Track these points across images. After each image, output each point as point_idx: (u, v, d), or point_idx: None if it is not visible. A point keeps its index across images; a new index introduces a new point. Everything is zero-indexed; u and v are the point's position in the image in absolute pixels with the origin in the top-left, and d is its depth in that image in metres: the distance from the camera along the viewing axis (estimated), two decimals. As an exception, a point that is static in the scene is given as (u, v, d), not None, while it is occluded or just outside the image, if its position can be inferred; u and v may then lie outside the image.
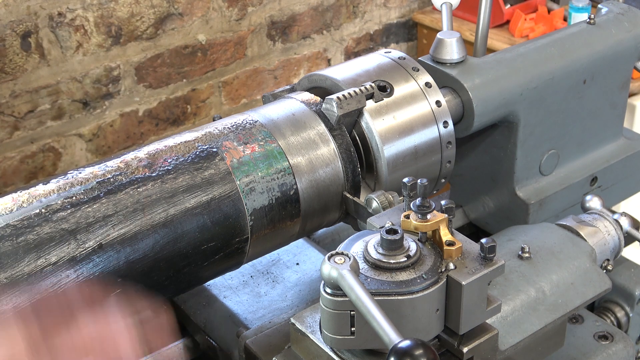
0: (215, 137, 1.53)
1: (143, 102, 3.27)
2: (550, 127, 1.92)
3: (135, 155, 1.48)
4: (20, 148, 3.01)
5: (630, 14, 2.00)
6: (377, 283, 1.23)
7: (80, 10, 2.97)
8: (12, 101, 2.93)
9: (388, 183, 1.64)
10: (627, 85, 2.04)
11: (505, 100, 1.80)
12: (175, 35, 3.25)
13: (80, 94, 3.08)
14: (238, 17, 3.42)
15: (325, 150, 1.59)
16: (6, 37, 2.84)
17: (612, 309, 1.88)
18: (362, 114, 1.62)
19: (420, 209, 1.28)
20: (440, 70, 1.79)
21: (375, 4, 3.87)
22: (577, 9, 3.48)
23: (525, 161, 1.90)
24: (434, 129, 1.69)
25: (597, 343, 1.66)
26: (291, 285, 1.70)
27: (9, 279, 1.27)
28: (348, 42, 3.85)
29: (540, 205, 1.92)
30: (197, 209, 1.44)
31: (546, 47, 1.89)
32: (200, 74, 3.39)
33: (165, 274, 1.43)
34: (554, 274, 1.55)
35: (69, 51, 3.00)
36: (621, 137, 2.10)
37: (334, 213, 1.63)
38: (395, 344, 1.07)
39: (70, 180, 1.40)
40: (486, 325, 1.32)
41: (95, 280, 1.34)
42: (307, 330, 1.31)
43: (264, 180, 1.51)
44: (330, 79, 1.68)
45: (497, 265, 1.27)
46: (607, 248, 1.68)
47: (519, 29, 3.66)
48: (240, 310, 1.65)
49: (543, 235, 1.65)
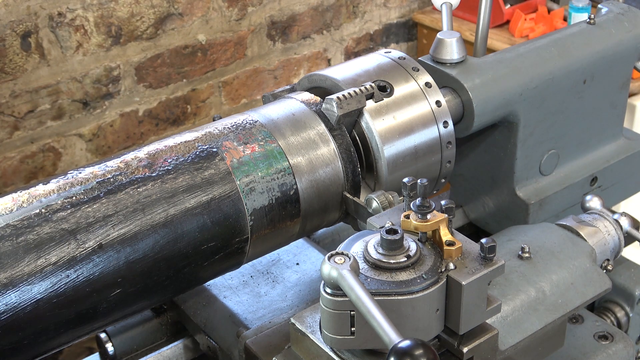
0: (215, 137, 1.53)
1: (143, 102, 3.27)
2: (550, 127, 1.92)
3: (135, 155, 1.48)
4: (20, 148, 3.01)
5: (630, 14, 2.00)
6: (377, 283, 1.23)
7: (80, 10, 2.97)
8: (12, 101, 2.93)
9: (388, 183, 1.64)
10: (627, 85, 2.04)
11: (505, 100, 1.80)
12: (175, 35, 3.25)
13: (80, 94, 3.08)
14: (238, 17, 3.42)
15: (325, 150, 1.59)
16: (6, 37, 2.84)
17: (612, 309, 1.88)
18: (362, 114, 1.62)
19: (420, 209, 1.28)
20: (440, 70, 1.79)
21: (375, 4, 3.87)
22: (577, 9, 3.48)
23: (525, 161, 1.90)
24: (434, 129, 1.68)
25: (597, 343, 1.66)
26: (291, 285, 1.70)
27: (8, 279, 1.27)
28: (348, 42, 3.85)
29: (540, 205, 1.92)
30: (197, 209, 1.44)
31: (546, 47, 1.89)
32: (200, 74, 3.39)
33: (165, 274, 1.43)
34: (554, 274, 1.55)
35: (69, 51, 3.00)
36: (621, 137, 2.10)
37: (334, 213, 1.63)
38: (395, 344, 1.07)
39: (70, 180, 1.40)
40: (486, 325, 1.32)
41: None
42: (307, 330, 1.31)
43: (264, 180, 1.51)
44: (330, 79, 1.68)
45: (497, 265, 1.27)
46: (607, 248, 1.68)
47: (519, 29, 3.66)
48: (240, 310, 1.65)
49: (543, 235, 1.65)
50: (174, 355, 1.71)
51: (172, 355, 1.71)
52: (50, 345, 1.38)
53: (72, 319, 1.35)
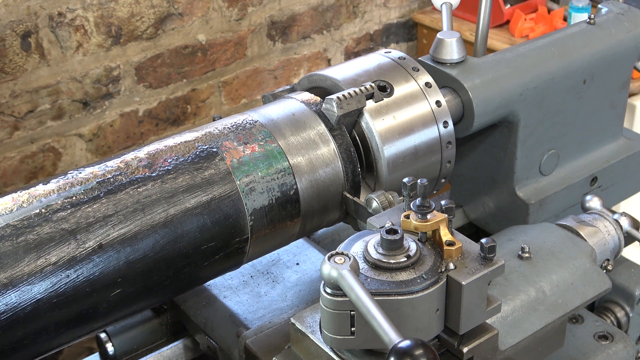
0: (215, 137, 1.53)
1: (143, 102, 3.27)
2: (550, 127, 1.92)
3: (135, 155, 1.48)
4: (20, 148, 3.01)
5: (630, 14, 2.00)
6: (377, 283, 1.23)
7: (80, 10, 2.97)
8: (12, 101, 2.93)
9: (388, 183, 1.64)
10: (627, 85, 2.04)
11: (505, 100, 1.80)
12: (175, 35, 3.25)
13: (80, 94, 3.08)
14: (238, 17, 3.42)
15: (325, 150, 1.59)
16: (6, 37, 2.84)
17: (612, 309, 1.88)
18: (362, 114, 1.62)
19: (420, 209, 1.28)
20: (440, 70, 1.79)
21: (375, 4, 3.87)
22: (577, 9, 3.49)
23: (525, 161, 1.90)
24: (434, 129, 1.68)
25: (597, 343, 1.66)
26: (291, 285, 1.70)
27: (9, 279, 1.27)
28: (348, 42, 3.85)
29: (540, 205, 1.92)
30: (197, 209, 1.44)
31: (546, 47, 1.89)
32: (200, 74, 3.39)
33: (165, 274, 1.43)
34: (554, 274, 1.55)
35: (69, 51, 3.00)
36: (621, 137, 2.10)
37: (334, 213, 1.63)
38: (395, 344, 1.07)
39: (70, 180, 1.40)
40: (486, 325, 1.32)
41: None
42: (307, 330, 1.31)
43: (264, 180, 1.51)
44: (330, 79, 1.68)
45: (497, 265, 1.27)
46: (607, 248, 1.68)
47: (519, 29, 3.66)
48: (240, 310, 1.65)
49: (543, 235, 1.65)
50: (174, 355, 1.71)
51: (172, 355, 1.71)
52: (50, 345, 1.38)
53: (72, 319, 1.35)
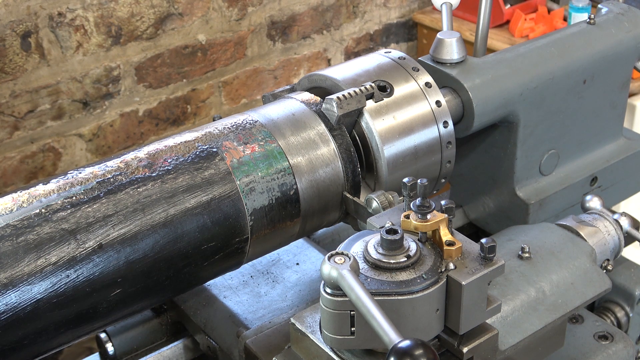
0: (215, 137, 1.53)
1: (143, 102, 3.27)
2: (550, 127, 1.92)
3: (135, 155, 1.48)
4: (20, 148, 3.01)
5: (630, 14, 2.00)
6: (377, 283, 1.23)
7: (80, 10, 2.97)
8: (12, 101, 2.93)
9: (388, 183, 1.64)
10: (627, 85, 2.04)
11: (505, 100, 1.80)
12: (175, 35, 3.25)
13: (80, 94, 3.08)
14: (238, 17, 3.42)
15: (325, 150, 1.59)
16: (6, 37, 2.84)
17: (612, 309, 1.88)
18: (362, 114, 1.62)
19: (420, 209, 1.28)
20: (440, 70, 1.79)
21: (375, 4, 3.87)
22: (577, 9, 3.49)
23: (525, 161, 1.90)
24: (434, 129, 1.68)
25: (597, 343, 1.66)
26: (291, 285, 1.70)
27: (9, 279, 1.27)
28: (348, 42, 3.85)
29: (540, 205, 1.92)
30: (197, 209, 1.44)
31: (546, 47, 1.89)
32: (200, 74, 3.39)
33: (165, 274, 1.43)
34: (554, 274, 1.55)
35: (69, 51, 3.00)
36: (621, 137, 2.10)
37: (334, 213, 1.63)
38: (395, 344, 1.07)
39: (70, 180, 1.40)
40: (486, 325, 1.32)
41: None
42: (307, 330, 1.31)
43: (264, 180, 1.51)
44: (330, 79, 1.68)
45: (497, 265, 1.27)
46: (607, 248, 1.68)
47: (519, 29, 3.66)
48: (240, 310, 1.65)
49: (543, 235, 1.65)
50: (174, 355, 1.71)
51: (172, 355, 1.71)
52: (50, 345, 1.38)
53: (72, 319, 1.35)
